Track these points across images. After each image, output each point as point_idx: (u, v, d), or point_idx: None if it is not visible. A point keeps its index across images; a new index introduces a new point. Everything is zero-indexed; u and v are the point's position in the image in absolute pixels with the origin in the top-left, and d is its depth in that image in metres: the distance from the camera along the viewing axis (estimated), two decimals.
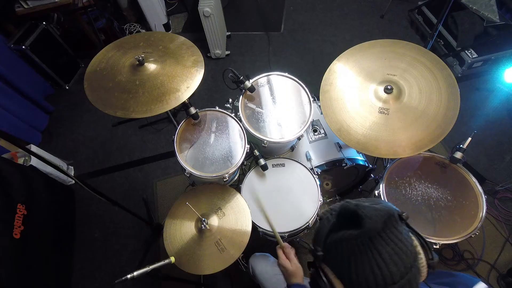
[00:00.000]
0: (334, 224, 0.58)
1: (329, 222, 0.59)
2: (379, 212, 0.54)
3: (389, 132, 1.13)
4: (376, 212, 0.53)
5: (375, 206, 0.55)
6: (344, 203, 0.59)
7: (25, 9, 2.32)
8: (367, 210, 0.54)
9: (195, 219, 1.20)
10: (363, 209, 0.54)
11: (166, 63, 1.24)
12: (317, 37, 2.91)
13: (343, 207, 0.58)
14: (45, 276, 1.66)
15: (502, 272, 1.66)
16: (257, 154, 1.32)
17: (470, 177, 1.20)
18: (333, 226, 0.58)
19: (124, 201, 1.51)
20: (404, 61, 1.21)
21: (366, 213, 0.53)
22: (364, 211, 0.54)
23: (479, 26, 2.33)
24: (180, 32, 3.14)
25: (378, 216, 0.53)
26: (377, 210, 0.54)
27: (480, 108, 2.28)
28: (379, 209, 0.54)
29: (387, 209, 0.55)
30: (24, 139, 2.26)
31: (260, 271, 1.22)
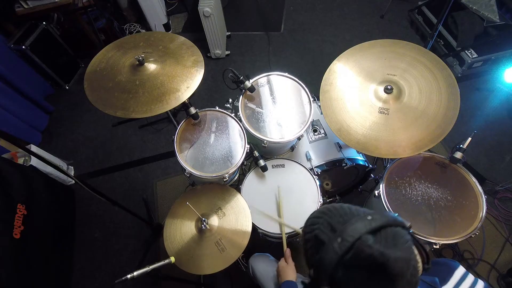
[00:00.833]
0: (345, 259, 0.51)
1: (336, 254, 0.52)
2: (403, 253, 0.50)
3: (389, 132, 1.13)
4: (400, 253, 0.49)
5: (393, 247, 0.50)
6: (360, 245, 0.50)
7: (25, 9, 2.32)
8: (392, 257, 0.48)
9: (195, 219, 1.20)
10: (388, 257, 0.48)
11: (166, 63, 1.24)
12: (317, 37, 2.91)
13: (361, 251, 0.50)
14: (45, 276, 1.66)
15: (502, 272, 1.66)
16: (257, 155, 1.32)
17: (470, 177, 1.20)
18: (344, 261, 0.51)
19: (124, 201, 1.51)
20: (404, 61, 1.21)
21: (393, 262, 0.48)
22: (390, 259, 0.48)
23: (479, 26, 2.33)
24: (180, 32, 3.14)
25: (403, 259, 0.49)
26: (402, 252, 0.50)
27: (480, 108, 2.28)
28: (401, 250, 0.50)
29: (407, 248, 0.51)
30: (24, 139, 2.26)
31: (260, 271, 1.22)
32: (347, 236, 0.51)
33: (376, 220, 0.53)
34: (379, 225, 0.52)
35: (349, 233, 0.52)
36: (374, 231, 0.51)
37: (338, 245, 0.52)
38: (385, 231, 0.52)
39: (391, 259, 0.48)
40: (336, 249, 0.52)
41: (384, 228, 0.52)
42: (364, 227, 0.52)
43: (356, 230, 0.51)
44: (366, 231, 0.51)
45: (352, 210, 0.58)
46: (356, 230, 0.52)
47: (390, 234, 0.52)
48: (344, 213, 0.58)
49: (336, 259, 0.51)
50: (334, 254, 0.52)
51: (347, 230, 0.52)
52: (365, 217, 0.53)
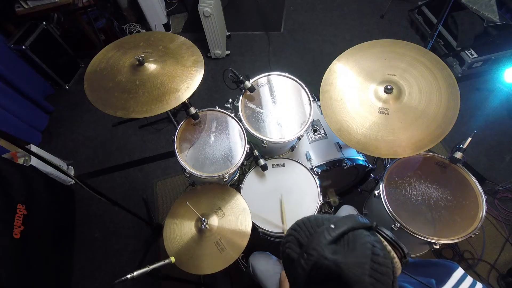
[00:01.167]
0: (311, 275, 0.51)
1: (304, 271, 0.51)
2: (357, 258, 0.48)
3: (389, 132, 1.13)
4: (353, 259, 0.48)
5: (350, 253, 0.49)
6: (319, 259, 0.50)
7: (25, 9, 2.32)
8: (345, 265, 0.48)
9: (195, 219, 1.20)
10: (342, 266, 0.48)
11: (166, 63, 1.24)
12: (317, 37, 2.91)
13: (320, 265, 0.49)
14: (45, 276, 1.66)
15: (502, 272, 1.66)
16: (257, 154, 1.32)
17: (470, 177, 1.20)
18: (311, 277, 0.51)
19: (124, 201, 1.51)
20: (404, 61, 1.21)
21: (346, 270, 0.47)
22: (343, 268, 0.47)
23: (479, 26, 2.33)
24: (180, 32, 3.14)
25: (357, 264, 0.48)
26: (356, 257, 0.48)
27: (480, 108, 2.28)
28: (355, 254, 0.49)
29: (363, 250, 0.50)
30: (24, 139, 2.26)
31: (260, 270, 1.22)
32: (311, 250, 0.51)
33: (338, 227, 0.52)
34: (340, 232, 0.51)
35: (313, 247, 0.51)
36: (335, 240, 0.51)
37: (305, 262, 0.51)
38: (346, 237, 0.52)
39: (344, 267, 0.47)
40: (303, 265, 0.51)
41: (346, 234, 0.52)
42: (325, 238, 0.51)
43: (318, 243, 0.51)
44: (328, 242, 0.50)
45: (319, 221, 0.57)
46: (318, 242, 0.51)
47: (350, 240, 0.51)
48: (310, 226, 0.57)
49: (304, 276, 0.51)
50: (302, 271, 0.51)
51: (311, 244, 0.52)
52: (329, 227, 0.53)
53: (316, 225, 0.56)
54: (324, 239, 0.51)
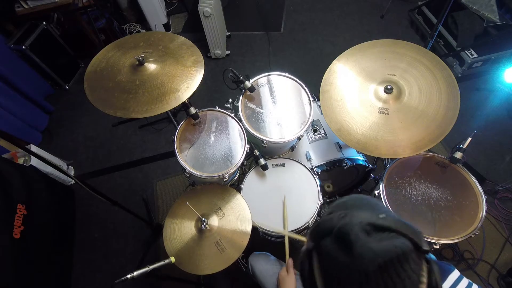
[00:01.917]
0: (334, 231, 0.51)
1: (331, 223, 0.52)
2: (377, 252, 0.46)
3: (389, 132, 1.13)
4: (374, 250, 0.46)
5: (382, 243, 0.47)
6: (349, 223, 0.50)
7: (25, 9, 2.32)
8: (364, 247, 0.46)
9: (195, 219, 1.20)
10: (360, 244, 0.47)
11: (166, 63, 1.24)
12: (317, 37, 2.91)
13: (344, 228, 0.49)
14: (45, 276, 1.66)
15: (502, 272, 1.66)
16: (257, 154, 1.32)
17: (470, 177, 1.20)
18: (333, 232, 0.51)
19: (124, 201, 1.51)
20: (404, 61, 1.21)
21: (360, 249, 0.46)
22: (360, 247, 0.46)
23: (479, 26, 2.33)
24: (180, 32, 3.14)
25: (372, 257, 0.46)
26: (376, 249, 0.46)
27: (480, 108, 2.28)
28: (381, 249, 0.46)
29: (394, 248, 0.47)
30: (24, 139, 2.26)
31: (259, 270, 1.22)
32: (349, 216, 0.52)
33: (386, 220, 0.51)
34: (384, 225, 0.50)
35: (353, 214, 0.52)
36: (375, 227, 0.50)
37: (337, 217, 0.52)
38: (386, 234, 0.50)
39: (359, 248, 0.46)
40: (334, 219, 0.53)
41: (388, 231, 0.50)
42: (368, 218, 0.51)
43: (359, 216, 0.51)
44: (367, 221, 0.50)
45: (376, 207, 0.57)
46: (360, 215, 0.51)
47: (388, 236, 0.49)
48: (366, 204, 0.58)
49: (328, 226, 0.52)
50: (329, 223, 0.53)
51: (353, 212, 0.53)
52: (379, 213, 0.53)
53: (368, 204, 0.57)
54: (366, 217, 0.50)
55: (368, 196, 0.61)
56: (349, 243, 0.47)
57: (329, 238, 0.52)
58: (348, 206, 0.57)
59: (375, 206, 0.57)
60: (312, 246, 0.55)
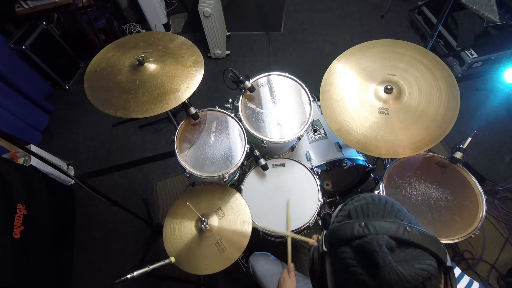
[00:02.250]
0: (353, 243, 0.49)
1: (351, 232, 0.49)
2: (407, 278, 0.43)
3: (389, 132, 1.13)
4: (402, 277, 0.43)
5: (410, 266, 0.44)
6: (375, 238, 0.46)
7: (25, 9, 2.32)
8: (393, 272, 0.43)
9: (195, 219, 1.20)
10: (389, 268, 0.43)
11: (166, 63, 1.24)
12: (317, 37, 2.91)
13: (370, 245, 0.46)
14: (45, 276, 1.66)
15: (502, 272, 1.66)
16: (258, 154, 1.32)
17: (470, 177, 1.20)
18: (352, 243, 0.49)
19: (124, 201, 1.51)
20: (404, 61, 1.21)
21: (388, 275, 0.43)
22: (388, 273, 0.43)
23: (479, 26, 2.33)
24: (180, 32, 3.14)
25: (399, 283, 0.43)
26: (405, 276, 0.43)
27: (480, 108, 2.28)
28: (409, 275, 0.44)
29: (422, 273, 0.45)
30: (24, 139, 2.26)
31: (260, 270, 1.22)
32: (372, 226, 0.48)
33: (414, 235, 0.47)
34: (411, 241, 0.47)
35: (375, 225, 0.49)
36: (401, 242, 0.47)
37: (358, 227, 0.49)
38: (411, 250, 0.47)
39: (386, 268, 0.43)
40: (355, 229, 0.49)
41: (414, 247, 0.47)
42: (394, 231, 0.47)
43: (383, 227, 0.48)
44: (392, 235, 0.47)
45: (399, 214, 0.54)
46: (384, 227, 0.48)
47: (413, 254, 0.46)
48: (388, 211, 0.54)
49: (349, 236, 0.49)
50: (350, 232, 0.49)
51: (376, 222, 0.50)
52: (404, 225, 0.48)
53: (393, 214, 0.54)
54: (391, 230, 0.47)
55: (389, 199, 0.57)
56: (375, 263, 0.44)
57: (348, 248, 0.49)
58: (370, 213, 0.54)
59: (398, 213, 0.54)
60: (327, 250, 0.53)
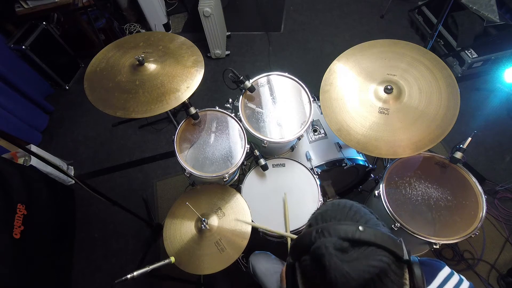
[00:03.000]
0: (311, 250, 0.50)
1: (309, 240, 0.51)
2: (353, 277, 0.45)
3: (389, 132, 1.13)
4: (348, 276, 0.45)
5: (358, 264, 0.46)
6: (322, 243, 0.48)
7: (25, 9, 2.32)
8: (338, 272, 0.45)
9: (195, 219, 1.20)
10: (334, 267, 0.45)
11: (166, 63, 1.24)
12: (317, 37, 2.91)
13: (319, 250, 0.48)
14: (45, 276, 1.66)
15: (502, 272, 1.66)
16: (257, 154, 1.33)
17: (470, 177, 1.20)
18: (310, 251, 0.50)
19: (124, 201, 1.50)
20: (404, 61, 1.21)
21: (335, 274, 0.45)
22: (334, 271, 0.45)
23: (479, 26, 2.33)
24: (180, 32, 3.14)
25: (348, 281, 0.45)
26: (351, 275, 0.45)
27: (480, 108, 2.28)
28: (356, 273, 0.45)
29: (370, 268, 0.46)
30: (24, 139, 2.26)
31: (260, 269, 1.22)
32: (326, 230, 0.50)
33: (366, 233, 0.49)
34: (362, 239, 0.48)
35: (329, 229, 0.50)
36: (353, 242, 0.48)
37: (314, 234, 0.51)
38: (364, 248, 0.48)
39: (333, 269, 0.45)
40: (312, 236, 0.51)
41: (366, 245, 0.48)
42: (345, 232, 0.49)
43: (336, 230, 0.50)
44: (344, 236, 0.48)
45: (356, 216, 0.55)
46: (336, 230, 0.50)
47: (366, 253, 0.48)
48: (345, 214, 0.56)
49: (307, 244, 0.51)
50: (308, 240, 0.51)
51: (331, 226, 0.51)
52: (358, 226, 0.50)
53: (349, 215, 0.55)
54: (343, 231, 0.49)
55: (349, 202, 0.58)
56: (323, 266, 0.46)
57: (308, 256, 0.51)
58: (327, 218, 0.55)
59: (356, 215, 0.55)
60: (292, 262, 0.54)
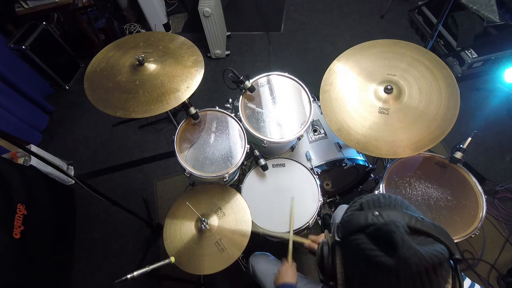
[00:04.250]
0: (368, 230, 0.50)
1: (365, 220, 0.51)
2: (424, 257, 0.45)
3: (389, 132, 1.13)
4: (420, 255, 0.45)
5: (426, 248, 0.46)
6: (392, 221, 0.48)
7: (25, 9, 2.32)
8: (411, 250, 0.45)
9: (195, 219, 1.20)
10: (407, 246, 0.45)
11: (166, 63, 1.24)
12: (317, 37, 2.91)
13: (388, 227, 0.47)
14: (45, 276, 1.66)
15: (502, 272, 1.66)
16: (257, 154, 1.32)
17: (470, 177, 1.20)
18: (367, 230, 0.50)
19: (124, 201, 1.50)
20: (404, 61, 1.21)
21: (407, 253, 0.45)
22: (407, 250, 0.45)
23: (479, 26, 2.33)
24: (180, 32, 3.14)
25: (418, 261, 0.45)
26: (423, 254, 0.45)
27: (480, 108, 2.28)
28: (426, 255, 0.45)
29: (438, 254, 0.46)
30: (24, 139, 2.26)
31: (260, 270, 1.23)
32: (385, 215, 0.50)
33: (424, 224, 0.49)
34: (422, 229, 0.48)
35: (389, 214, 0.51)
36: (413, 229, 0.49)
37: (372, 216, 0.51)
38: (423, 238, 0.49)
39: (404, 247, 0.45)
40: (368, 217, 0.51)
41: (426, 235, 0.49)
42: (407, 220, 0.49)
43: (396, 216, 0.50)
44: (405, 223, 0.48)
45: (409, 208, 0.56)
46: (396, 216, 0.50)
47: (425, 241, 0.48)
48: (399, 204, 0.56)
49: (363, 224, 0.51)
50: (363, 220, 0.51)
51: (388, 212, 0.51)
52: (417, 216, 0.51)
53: (402, 205, 0.55)
54: (403, 220, 0.49)
55: (400, 197, 0.59)
56: (394, 243, 0.46)
57: (362, 234, 0.51)
58: (382, 204, 0.56)
59: (408, 207, 0.56)
60: (338, 240, 0.54)
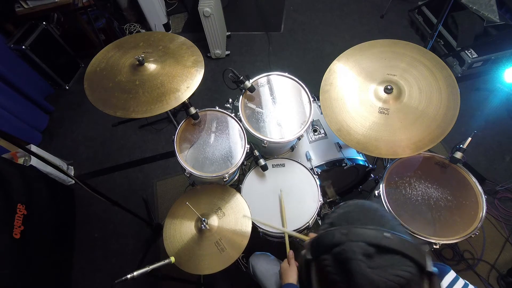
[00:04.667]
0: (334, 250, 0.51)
1: (332, 240, 0.51)
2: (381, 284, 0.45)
3: (389, 132, 1.13)
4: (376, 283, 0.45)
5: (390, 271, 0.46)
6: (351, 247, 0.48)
7: (25, 9, 2.32)
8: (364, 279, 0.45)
9: (195, 219, 1.20)
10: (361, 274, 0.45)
11: (166, 63, 1.24)
12: (317, 37, 2.91)
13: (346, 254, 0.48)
14: (45, 276, 1.66)
15: (502, 272, 1.66)
16: (257, 155, 1.32)
17: (470, 177, 1.20)
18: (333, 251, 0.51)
19: (124, 201, 1.50)
20: (404, 61, 1.21)
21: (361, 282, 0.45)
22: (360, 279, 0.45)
23: (479, 26, 2.33)
24: (180, 32, 3.14)
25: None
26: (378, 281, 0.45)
27: (480, 108, 2.28)
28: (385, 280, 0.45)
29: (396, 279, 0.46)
30: (24, 139, 2.26)
31: (260, 270, 1.23)
32: (352, 233, 0.50)
33: (391, 241, 0.48)
34: (388, 247, 0.48)
35: (356, 232, 0.50)
36: (379, 249, 0.48)
37: (340, 235, 0.51)
38: (390, 257, 0.48)
39: (359, 274, 0.45)
40: (335, 236, 0.51)
41: (393, 254, 0.48)
42: (373, 237, 0.49)
43: (363, 234, 0.49)
44: (371, 242, 0.48)
45: (382, 220, 0.55)
46: (363, 234, 0.49)
47: (391, 262, 0.47)
48: (371, 217, 0.55)
49: (330, 244, 0.51)
50: (331, 239, 0.51)
51: (357, 230, 0.51)
52: (384, 233, 0.49)
53: (375, 220, 0.55)
54: (370, 237, 0.49)
55: (374, 205, 0.58)
56: (349, 270, 0.46)
57: (329, 255, 0.51)
58: (351, 220, 0.55)
59: (381, 220, 0.55)
60: (311, 258, 0.54)
